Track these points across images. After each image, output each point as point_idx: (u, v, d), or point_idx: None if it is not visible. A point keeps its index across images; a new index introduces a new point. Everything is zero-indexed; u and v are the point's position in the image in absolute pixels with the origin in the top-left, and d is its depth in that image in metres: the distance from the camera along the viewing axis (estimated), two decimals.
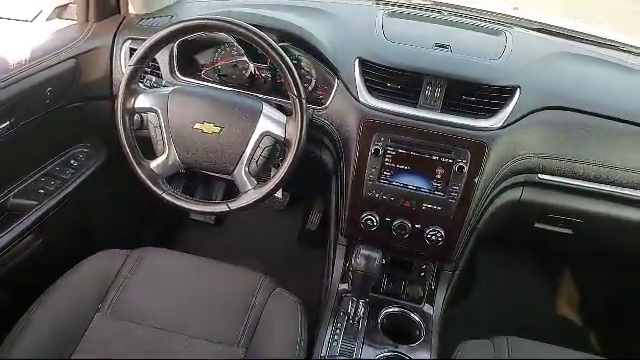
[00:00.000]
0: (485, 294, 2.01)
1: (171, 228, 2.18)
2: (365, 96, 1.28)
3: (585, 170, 1.27)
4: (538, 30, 1.60)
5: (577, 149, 1.26)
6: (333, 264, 1.48)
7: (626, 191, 1.29)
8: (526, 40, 1.47)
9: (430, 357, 1.25)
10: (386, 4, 1.63)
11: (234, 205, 1.22)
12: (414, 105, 1.26)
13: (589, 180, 1.29)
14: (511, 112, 1.23)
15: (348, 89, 1.30)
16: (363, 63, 1.29)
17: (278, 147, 1.25)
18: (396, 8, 1.57)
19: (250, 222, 2.20)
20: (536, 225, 1.42)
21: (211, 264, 1.33)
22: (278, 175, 1.19)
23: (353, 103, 1.29)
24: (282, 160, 1.21)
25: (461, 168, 1.23)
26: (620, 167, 1.26)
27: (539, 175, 1.30)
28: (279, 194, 1.30)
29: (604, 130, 1.27)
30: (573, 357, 1.21)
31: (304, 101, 1.16)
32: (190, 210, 1.24)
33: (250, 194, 1.21)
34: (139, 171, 1.23)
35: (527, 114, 1.25)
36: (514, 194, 1.35)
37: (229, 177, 1.23)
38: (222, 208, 1.23)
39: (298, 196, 2.25)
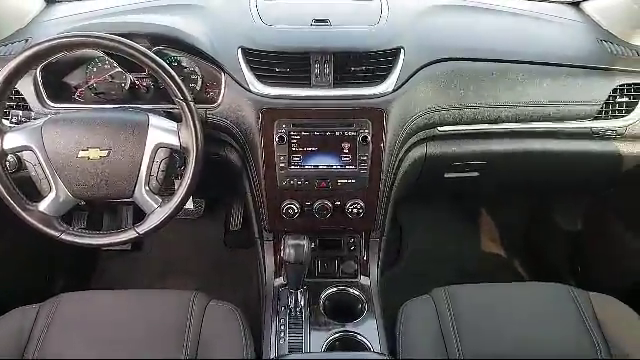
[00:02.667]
0: (415, 251, 2.09)
1: (85, 266, 2.02)
2: (256, 85, 1.24)
3: (477, 114, 1.33)
4: None
5: (467, 96, 1.32)
6: (264, 261, 1.45)
7: (517, 125, 1.37)
8: (401, 0, 1.49)
9: (377, 328, 1.26)
10: None
11: (143, 229, 1.14)
12: (307, 85, 1.25)
13: (483, 122, 1.35)
14: (400, 73, 1.25)
15: (237, 81, 1.26)
16: (246, 52, 1.25)
17: (176, 157, 1.18)
18: None
19: (170, 238, 2.09)
20: (446, 175, 1.48)
21: (135, 295, 1.25)
22: (183, 187, 1.13)
23: (246, 95, 1.25)
24: (184, 169, 1.14)
25: (365, 138, 1.24)
26: (508, 104, 1.33)
27: (438, 128, 1.35)
28: (190, 204, 1.23)
29: (489, 73, 1.33)
30: (503, 290, 1.28)
31: (192, 103, 1.10)
32: (96, 245, 1.14)
33: (157, 213, 1.14)
34: (27, 217, 1.11)
35: (415, 72, 1.27)
36: (420, 151, 1.39)
37: (131, 200, 1.15)
38: (130, 235, 1.14)
39: (214, 200, 2.18)
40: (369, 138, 1.25)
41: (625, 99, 1.36)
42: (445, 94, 1.31)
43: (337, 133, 1.25)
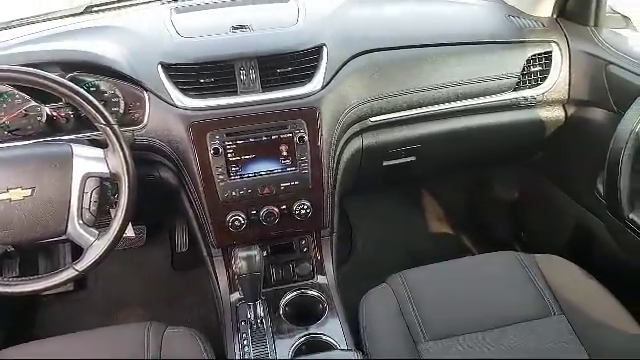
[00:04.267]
0: (366, 242, 2.11)
1: (24, 316, 1.88)
2: (182, 99, 1.21)
3: (405, 100, 1.37)
4: None
5: (392, 84, 1.35)
6: (216, 279, 1.41)
7: (444, 106, 1.42)
8: None
9: (340, 325, 1.26)
10: (169, 1, 1.53)
11: (82, 265, 1.07)
12: (234, 93, 1.22)
13: (411, 108, 1.39)
14: (325, 70, 1.25)
15: (161, 98, 1.22)
16: (166, 67, 1.21)
17: (108, 185, 1.12)
18: (180, 3, 1.49)
19: (115, 270, 1.98)
20: (384, 163, 1.50)
21: (84, 337, 1.17)
22: (119, 215, 1.07)
23: (172, 111, 1.21)
24: (118, 197, 1.08)
25: (301, 138, 1.24)
26: (432, 87, 1.37)
27: (370, 119, 1.37)
28: (131, 232, 1.17)
29: (409, 59, 1.37)
30: (455, 266, 1.32)
31: (116, 127, 1.05)
32: (31, 292, 1.06)
33: (95, 247, 1.07)
34: None
35: (341, 67, 1.29)
36: (356, 143, 1.40)
37: (65, 237, 1.07)
38: (69, 274, 1.07)
39: (156, 224, 2.09)
40: (306, 138, 1.24)
41: (538, 68, 1.45)
42: (372, 85, 1.33)
43: (273, 137, 1.24)
